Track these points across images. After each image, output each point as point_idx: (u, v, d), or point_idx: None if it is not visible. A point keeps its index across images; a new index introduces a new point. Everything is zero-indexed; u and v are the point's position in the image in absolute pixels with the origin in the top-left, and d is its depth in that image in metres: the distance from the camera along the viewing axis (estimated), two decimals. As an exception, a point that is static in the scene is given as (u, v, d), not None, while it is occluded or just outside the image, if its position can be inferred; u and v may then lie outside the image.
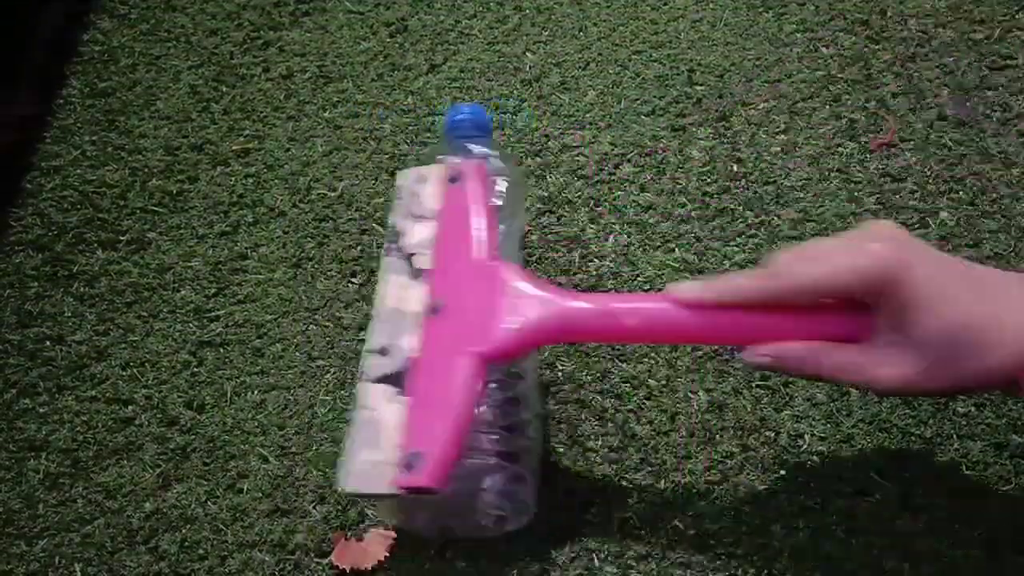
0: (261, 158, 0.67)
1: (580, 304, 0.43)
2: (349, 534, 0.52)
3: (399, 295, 0.48)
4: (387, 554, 0.51)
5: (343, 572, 0.50)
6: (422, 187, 0.51)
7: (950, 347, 0.37)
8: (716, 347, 0.55)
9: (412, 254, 0.49)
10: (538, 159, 0.64)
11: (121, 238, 0.64)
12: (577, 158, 0.64)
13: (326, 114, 0.68)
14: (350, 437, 0.44)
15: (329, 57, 0.71)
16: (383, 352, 0.46)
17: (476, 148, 0.54)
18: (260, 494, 0.54)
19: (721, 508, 0.50)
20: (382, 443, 0.43)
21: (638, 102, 0.66)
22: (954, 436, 0.51)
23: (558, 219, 0.61)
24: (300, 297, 0.61)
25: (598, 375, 0.55)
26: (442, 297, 0.46)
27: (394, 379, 0.45)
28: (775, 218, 0.59)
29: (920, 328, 0.37)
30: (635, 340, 0.48)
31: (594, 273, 0.59)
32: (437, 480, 0.40)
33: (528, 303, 0.43)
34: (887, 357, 0.38)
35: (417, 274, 0.48)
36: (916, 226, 0.58)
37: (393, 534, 0.52)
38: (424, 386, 0.44)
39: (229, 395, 0.57)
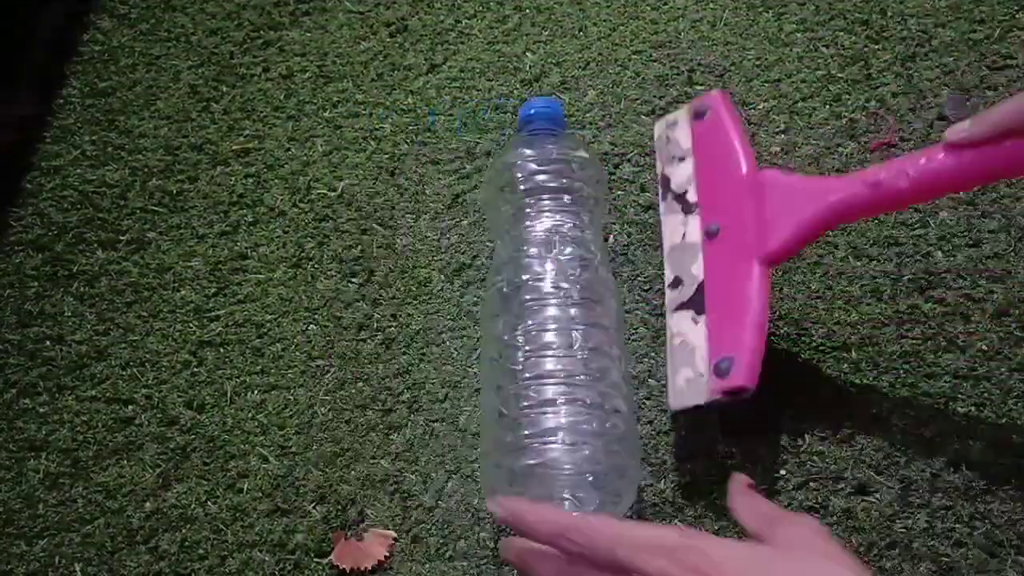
0: (261, 158, 0.67)
1: (843, 185, 0.45)
2: (349, 534, 0.52)
3: (677, 231, 0.53)
4: (387, 554, 0.51)
5: (343, 572, 0.51)
6: (674, 131, 0.56)
7: None
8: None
9: (682, 192, 0.53)
10: (538, 159, 0.64)
11: (121, 238, 0.64)
12: (577, 158, 0.64)
13: (326, 114, 0.68)
14: (668, 365, 0.50)
15: (329, 57, 0.71)
16: (676, 284, 0.51)
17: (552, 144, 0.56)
18: (260, 494, 0.54)
19: (721, 508, 0.50)
20: (695, 361, 0.48)
21: (638, 102, 0.66)
22: (954, 436, 0.51)
23: (558, 219, 0.61)
24: (300, 297, 0.61)
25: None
26: (716, 220, 0.50)
27: (691, 304, 0.50)
28: (775, 218, 0.59)
29: None
30: (907, 203, 0.49)
31: (594, 273, 0.59)
32: (750, 377, 0.44)
33: (796, 200, 0.47)
34: None
35: (689, 208, 0.52)
36: (916, 226, 0.58)
37: (393, 534, 0.52)
38: (718, 300, 0.48)
39: (229, 395, 0.57)
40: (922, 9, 0.66)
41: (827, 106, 0.63)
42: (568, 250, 0.52)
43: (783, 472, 0.51)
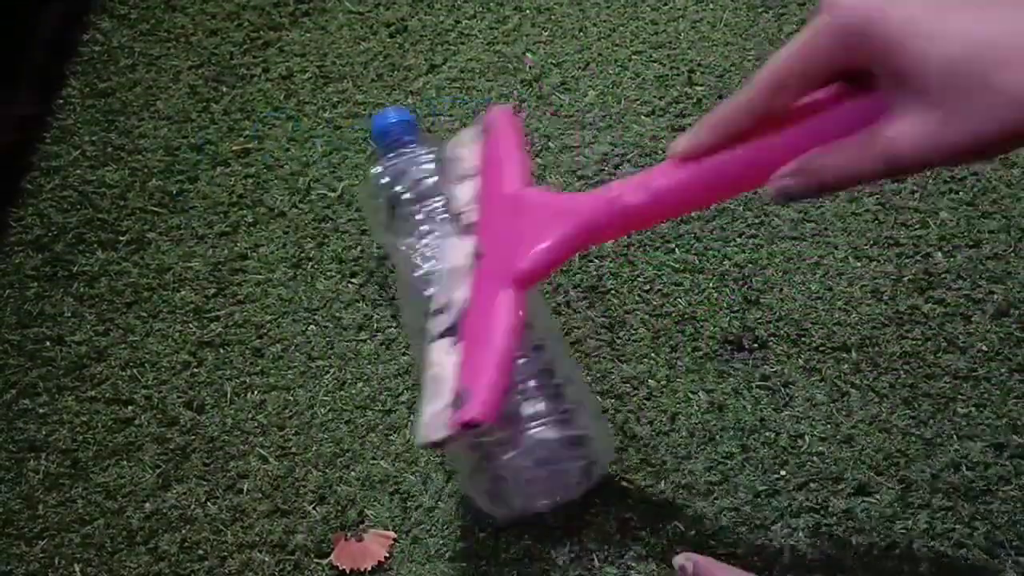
0: (261, 158, 0.67)
1: (588, 202, 0.42)
2: (349, 534, 0.52)
3: (452, 255, 0.49)
4: (387, 554, 0.51)
5: (343, 572, 0.50)
6: (459, 149, 0.52)
7: (956, 83, 0.30)
8: (718, 334, 0.55)
9: (460, 213, 0.49)
10: (538, 159, 0.64)
11: (121, 238, 0.64)
12: (577, 158, 0.64)
13: (326, 114, 0.68)
14: (421, 395, 0.45)
15: (329, 57, 0.71)
16: (439, 311, 0.47)
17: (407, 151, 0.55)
18: (260, 494, 0.54)
19: (721, 508, 0.50)
20: (443, 392, 0.43)
21: (638, 102, 0.66)
22: (954, 436, 0.51)
23: (558, 219, 0.61)
24: (300, 297, 0.61)
25: (598, 375, 0.55)
26: (483, 241, 0.47)
27: (450, 331, 0.45)
28: (775, 218, 0.59)
29: (915, 74, 0.31)
30: (652, 220, 0.44)
31: (594, 273, 0.59)
32: (485, 411, 0.40)
33: (548, 220, 0.43)
34: (899, 122, 0.32)
35: (467, 230, 0.48)
36: (916, 226, 0.58)
37: (393, 534, 0.52)
38: (472, 327, 0.44)
39: (229, 395, 0.57)
40: (922, 9, 0.66)
41: (827, 106, 0.63)
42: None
43: (783, 472, 0.51)
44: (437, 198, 0.53)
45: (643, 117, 0.65)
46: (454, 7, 0.72)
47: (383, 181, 0.55)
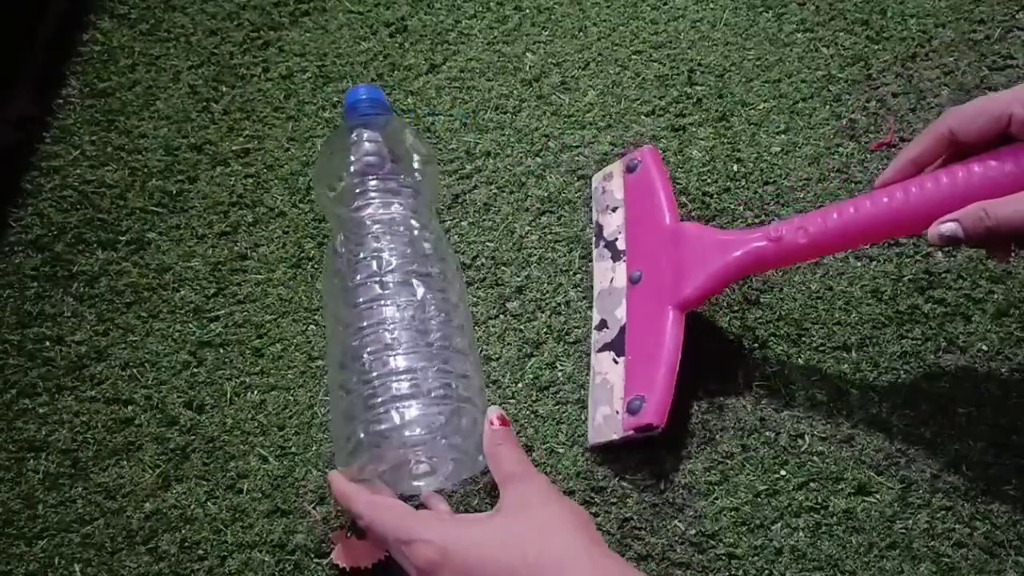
0: (261, 158, 0.67)
1: (749, 238, 0.49)
2: (349, 534, 0.52)
3: (606, 276, 0.56)
4: (387, 554, 0.51)
5: (343, 572, 0.50)
6: (609, 182, 0.60)
7: None
8: (719, 346, 0.55)
9: (613, 240, 0.57)
10: (538, 159, 0.64)
11: (121, 238, 0.64)
12: (577, 158, 0.64)
13: (326, 114, 0.68)
14: (589, 402, 0.53)
15: (329, 57, 0.71)
16: (601, 326, 0.55)
17: (371, 131, 0.57)
18: (260, 494, 0.54)
19: (721, 508, 0.50)
20: (612, 399, 0.51)
21: (638, 102, 0.66)
22: (954, 436, 0.51)
23: (558, 219, 0.61)
24: (300, 297, 0.61)
25: (598, 375, 0.55)
26: (639, 267, 0.54)
27: (613, 346, 0.53)
28: (775, 218, 0.59)
29: None
30: (806, 258, 0.49)
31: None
32: (659, 416, 0.48)
33: (707, 252, 0.50)
34: None
35: (618, 255, 0.56)
36: (916, 226, 0.58)
37: (393, 534, 0.52)
38: (636, 343, 0.52)
39: (229, 395, 0.57)
40: (922, 9, 0.66)
41: (827, 106, 0.63)
42: (400, 229, 0.54)
43: (783, 472, 0.51)
44: (372, 177, 0.56)
45: (643, 117, 0.65)
46: (454, 7, 0.72)
47: (336, 145, 0.57)
